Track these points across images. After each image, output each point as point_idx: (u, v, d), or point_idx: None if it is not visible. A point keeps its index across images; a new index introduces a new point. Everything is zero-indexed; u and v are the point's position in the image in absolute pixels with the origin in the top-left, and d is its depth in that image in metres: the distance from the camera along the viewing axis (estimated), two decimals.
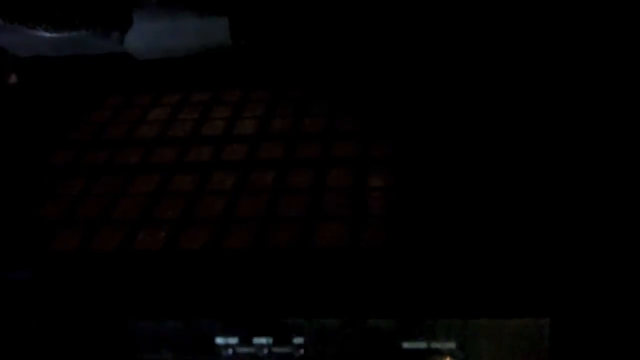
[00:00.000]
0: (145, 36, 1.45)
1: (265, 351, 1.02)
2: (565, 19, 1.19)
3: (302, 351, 1.01)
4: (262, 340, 1.02)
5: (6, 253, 1.09)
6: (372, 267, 1.01)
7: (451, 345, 0.97)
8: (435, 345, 0.98)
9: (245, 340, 1.02)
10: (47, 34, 1.37)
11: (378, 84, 1.46)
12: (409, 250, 1.02)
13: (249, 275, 1.03)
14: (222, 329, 1.03)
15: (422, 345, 0.98)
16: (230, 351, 1.03)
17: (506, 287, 0.95)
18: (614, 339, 0.94)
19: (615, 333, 0.94)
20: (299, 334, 1.01)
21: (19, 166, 1.31)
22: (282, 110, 1.44)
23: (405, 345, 0.98)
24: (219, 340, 1.03)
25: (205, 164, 1.31)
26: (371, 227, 1.09)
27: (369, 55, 1.50)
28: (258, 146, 1.34)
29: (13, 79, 1.54)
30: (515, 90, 1.33)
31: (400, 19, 1.42)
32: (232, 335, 1.03)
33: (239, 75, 1.54)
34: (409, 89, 1.40)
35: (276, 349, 1.02)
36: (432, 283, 0.98)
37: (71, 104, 1.52)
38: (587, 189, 1.08)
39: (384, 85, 1.45)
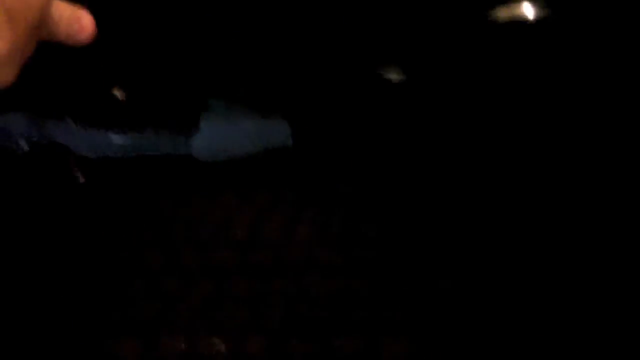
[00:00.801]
0: (209, 139, 1.48)
1: None
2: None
3: None
4: None
5: None
6: None
7: None
8: None
9: None
10: (115, 137, 1.41)
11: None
12: None
13: None
14: None
15: None
16: None
17: None
18: None
19: None
20: None
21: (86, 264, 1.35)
22: (337, 210, 1.46)
23: None
24: None
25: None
26: None
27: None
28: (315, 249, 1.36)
29: (80, 178, 1.59)
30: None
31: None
32: None
33: (297, 175, 1.57)
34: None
35: None
36: None
37: (134, 203, 1.56)
38: None
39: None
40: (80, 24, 0.51)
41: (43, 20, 0.49)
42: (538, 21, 0.94)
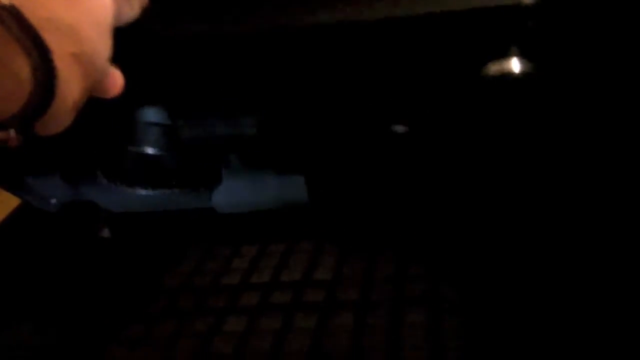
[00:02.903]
0: (229, 193, 1.58)
1: None
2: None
3: None
4: None
5: None
6: None
7: None
8: None
9: None
10: (144, 193, 1.51)
11: (440, 232, 1.58)
12: None
13: None
14: None
15: None
16: None
17: None
18: None
19: None
20: None
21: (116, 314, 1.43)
22: (353, 258, 1.57)
23: None
24: None
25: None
26: None
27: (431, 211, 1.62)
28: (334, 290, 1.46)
29: (106, 233, 1.68)
30: None
31: None
32: None
33: (313, 228, 1.67)
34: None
35: None
36: None
37: (160, 255, 1.65)
38: None
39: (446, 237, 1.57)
40: (115, 79, 0.59)
41: (103, 77, 0.58)
42: (525, 75, 1.03)
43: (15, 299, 1.50)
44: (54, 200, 1.55)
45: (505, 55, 1.02)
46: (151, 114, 1.27)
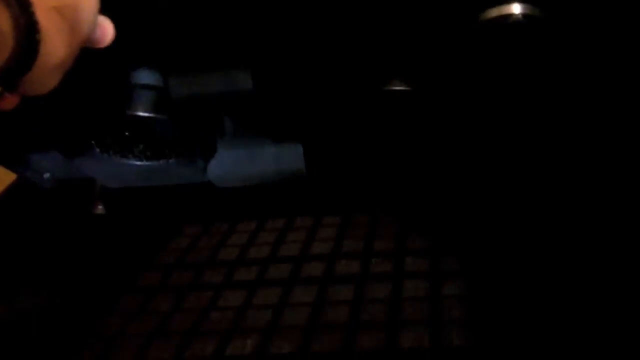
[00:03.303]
0: (225, 164, 1.55)
1: None
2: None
3: None
4: None
5: None
6: None
7: None
8: None
9: None
10: (139, 163, 1.48)
11: (441, 203, 1.54)
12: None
13: None
14: None
15: None
16: None
17: None
18: None
19: None
20: None
21: (109, 286, 1.40)
22: (352, 233, 1.53)
23: None
24: None
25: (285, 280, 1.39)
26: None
27: (430, 179, 1.59)
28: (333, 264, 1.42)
29: (100, 209, 1.65)
30: None
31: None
32: None
33: (312, 201, 1.63)
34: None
35: None
36: None
37: (155, 231, 1.62)
38: None
39: (446, 204, 1.53)
40: (105, 29, 0.58)
41: (92, 31, 0.56)
42: (527, 18, 0.99)
43: (10, 275, 1.47)
44: (47, 175, 1.53)
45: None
46: (143, 76, 1.24)
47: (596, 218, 1.32)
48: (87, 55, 0.58)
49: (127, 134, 1.42)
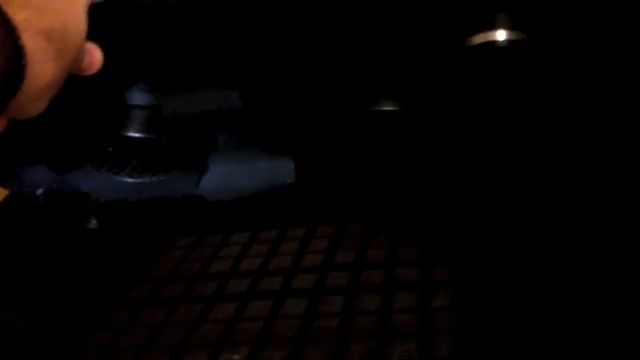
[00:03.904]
0: (217, 178, 1.55)
1: None
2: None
3: None
4: None
5: None
6: None
7: None
8: None
9: None
10: (131, 180, 1.49)
11: (434, 216, 1.55)
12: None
13: None
14: None
15: None
16: None
17: None
18: None
19: None
20: None
21: (102, 299, 1.41)
22: (344, 244, 1.54)
23: None
24: None
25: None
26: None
27: (424, 192, 1.60)
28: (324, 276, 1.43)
29: (94, 224, 1.65)
30: None
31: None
32: None
33: (304, 213, 1.64)
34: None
35: None
36: None
37: (148, 244, 1.62)
38: None
39: (438, 218, 1.54)
40: (93, 56, 0.58)
41: (80, 56, 0.56)
42: (512, 44, 1.00)
43: (2, 290, 1.48)
44: (40, 191, 1.53)
45: (491, 26, 0.99)
46: (135, 97, 1.25)
47: (586, 229, 1.33)
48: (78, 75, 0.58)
49: (119, 151, 1.43)
